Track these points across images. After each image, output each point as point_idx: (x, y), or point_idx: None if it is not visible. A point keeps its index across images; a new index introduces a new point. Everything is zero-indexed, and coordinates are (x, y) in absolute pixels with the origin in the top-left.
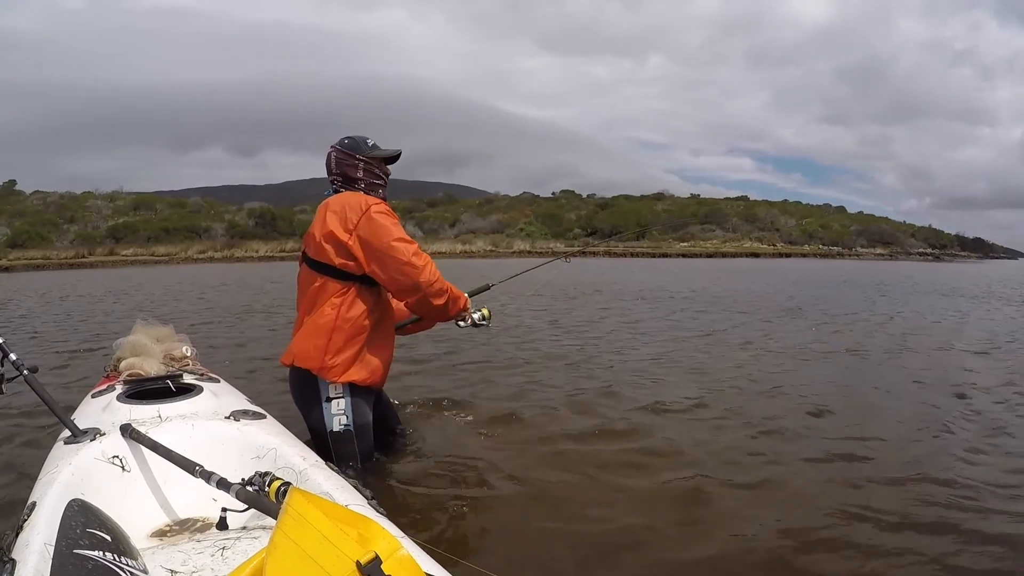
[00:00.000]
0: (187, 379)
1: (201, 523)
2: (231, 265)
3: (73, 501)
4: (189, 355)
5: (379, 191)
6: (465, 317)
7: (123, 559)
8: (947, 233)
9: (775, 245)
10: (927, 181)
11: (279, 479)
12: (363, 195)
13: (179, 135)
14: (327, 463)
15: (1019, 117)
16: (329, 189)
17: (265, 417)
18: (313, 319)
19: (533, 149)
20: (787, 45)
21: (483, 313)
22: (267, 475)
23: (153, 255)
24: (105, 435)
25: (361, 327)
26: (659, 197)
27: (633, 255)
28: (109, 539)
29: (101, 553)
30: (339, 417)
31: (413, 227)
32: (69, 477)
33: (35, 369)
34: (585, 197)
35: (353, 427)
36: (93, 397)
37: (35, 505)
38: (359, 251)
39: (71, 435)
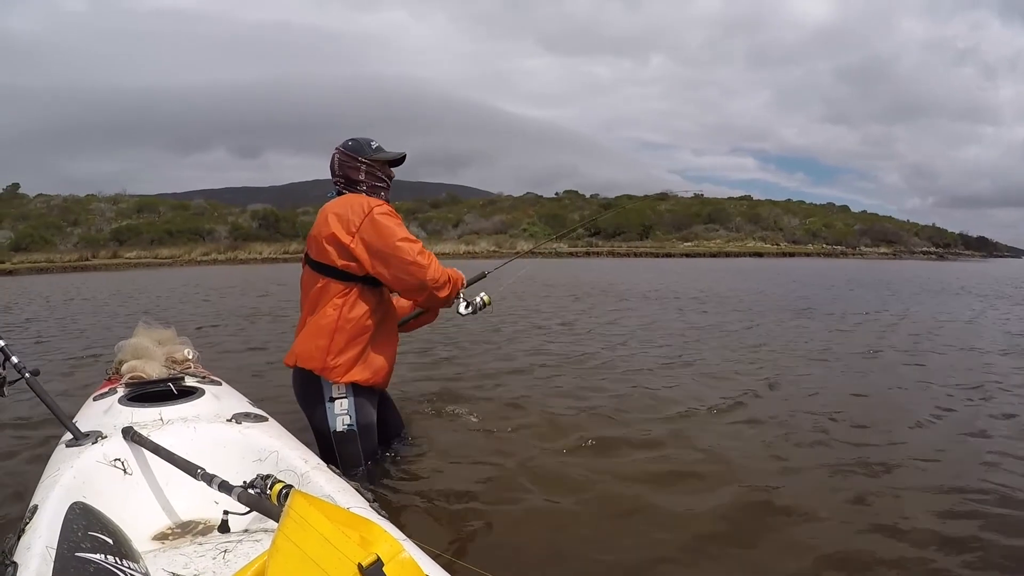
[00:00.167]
0: (189, 382)
1: (203, 526)
2: (234, 267)
3: (75, 504)
4: (191, 358)
5: (381, 194)
6: (462, 298)
7: (125, 562)
8: (951, 232)
9: (779, 245)
10: (930, 180)
11: (281, 482)
12: (365, 197)
13: (182, 137)
14: (329, 466)
15: (1022, 116)
16: (333, 191)
17: (267, 420)
18: (315, 320)
19: (535, 149)
20: (788, 45)
21: (483, 299)
22: (269, 478)
23: (156, 257)
24: (107, 438)
25: (363, 327)
26: (662, 197)
27: (637, 255)
28: (111, 542)
29: (103, 556)
30: (342, 417)
31: (416, 228)
32: (71, 480)
33: (37, 372)
34: (588, 197)
35: (357, 427)
36: (95, 400)
37: (37, 508)
38: (362, 253)
39: (73, 438)
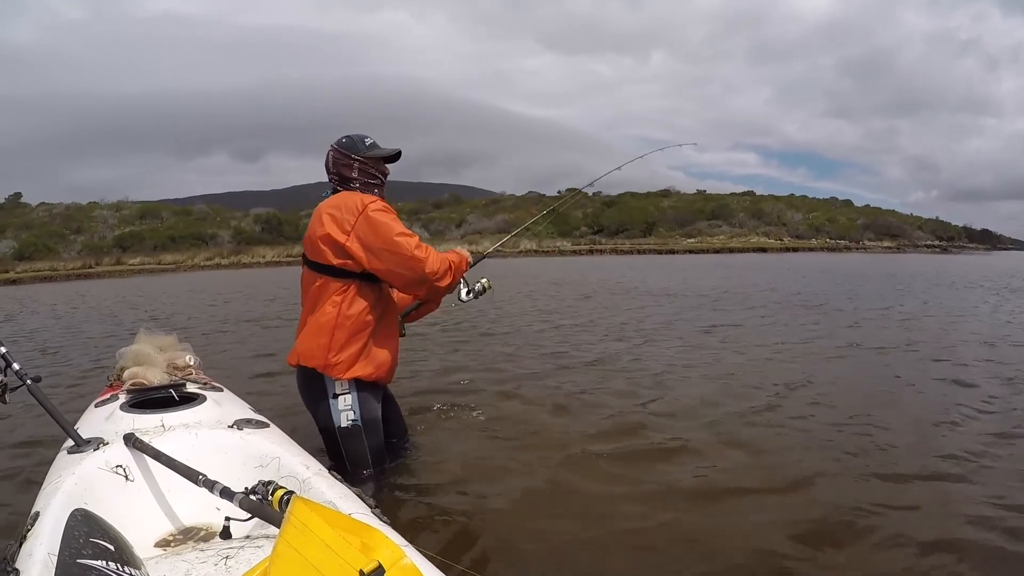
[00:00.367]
0: (190, 388)
1: (204, 532)
2: (238, 271)
3: (76, 511)
4: (192, 364)
5: (375, 190)
6: (463, 283)
7: (126, 569)
8: (954, 225)
9: (782, 240)
10: (933, 173)
11: (282, 488)
12: (359, 194)
13: (183, 142)
14: (331, 472)
15: None
16: (328, 189)
17: (268, 426)
18: (315, 318)
19: (537, 148)
20: (790, 39)
21: (483, 284)
22: (270, 484)
23: (160, 263)
24: (108, 444)
25: (363, 323)
26: (665, 194)
27: (640, 252)
28: (112, 549)
29: (104, 563)
30: (346, 412)
31: (419, 228)
32: (72, 487)
33: (38, 379)
34: (591, 196)
35: (361, 422)
36: (96, 407)
37: (38, 515)
38: (359, 251)
39: (74, 445)
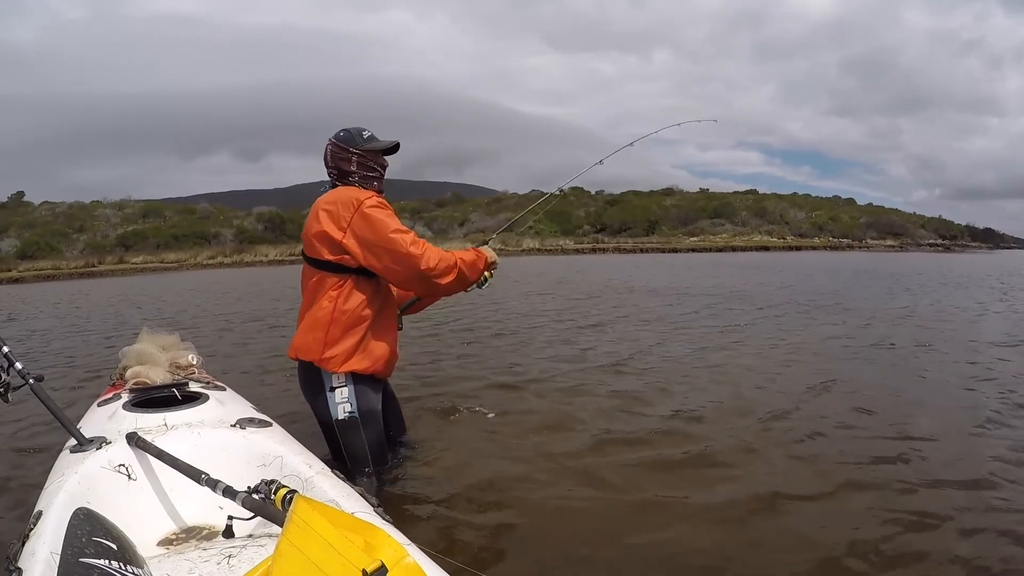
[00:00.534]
0: (193, 387)
1: (207, 531)
2: (241, 270)
3: (79, 510)
4: (195, 363)
5: (373, 184)
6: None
7: (129, 567)
8: (957, 224)
9: (785, 238)
10: (936, 172)
11: (285, 487)
12: (356, 189)
13: (185, 141)
14: (334, 471)
15: None
16: (327, 184)
17: (271, 425)
18: (312, 312)
19: (540, 147)
20: (793, 38)
21: (483, 275)
22: (273, 483)
23: (163, 262)
24: (111, 444)
25: (359, 317)
26: (668, 192)
27: (643, 251)
28: (115, 548)
29: (107, 562)
30: (343, 405)
31: (422, 227)
32: (75, 486)
33: (40, 378)
34: (594, 194)
35: (358, 414)
36: (99, 406)
37: (41, 514)
38: (355, 247)
39: (77, 444)
